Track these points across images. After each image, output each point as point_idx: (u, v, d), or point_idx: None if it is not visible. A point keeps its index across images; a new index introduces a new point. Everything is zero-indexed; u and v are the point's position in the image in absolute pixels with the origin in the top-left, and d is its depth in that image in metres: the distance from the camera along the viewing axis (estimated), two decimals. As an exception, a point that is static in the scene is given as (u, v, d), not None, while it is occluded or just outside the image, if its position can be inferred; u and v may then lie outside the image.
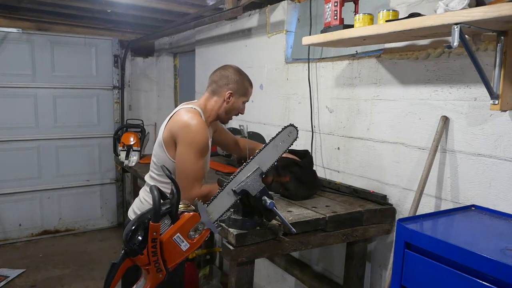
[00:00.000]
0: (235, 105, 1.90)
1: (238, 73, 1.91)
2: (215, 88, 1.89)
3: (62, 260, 3.97)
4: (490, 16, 1.17)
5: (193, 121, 1.73)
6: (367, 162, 2.10)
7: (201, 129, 1.73)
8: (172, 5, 3.40)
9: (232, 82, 1.87)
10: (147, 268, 1.28)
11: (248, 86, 1.93)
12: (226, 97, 1.87)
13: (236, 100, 1.89)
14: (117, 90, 4.80)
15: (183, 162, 1.74)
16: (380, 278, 2.03)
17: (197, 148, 1.72)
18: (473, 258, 1.08)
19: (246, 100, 1.95)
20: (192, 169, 1.73)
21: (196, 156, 1.72)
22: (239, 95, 1.89)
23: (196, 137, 1.71)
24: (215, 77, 1.91)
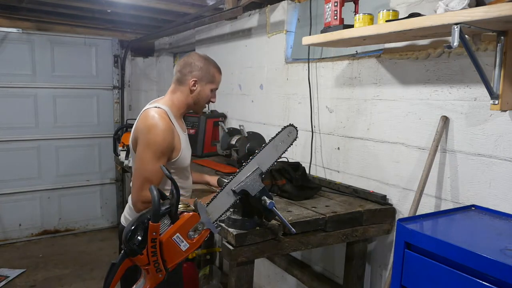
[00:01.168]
0: (203, 93, 1.80)
1: (202, 59, 1.80)
2: (180, 77, 1.79)
3: (62, 260, 3.97)
4: (490, 16, 1.17)
5: (154, 121, 1.65)
6: (367, 162, 2.10)
7: (162, 130, 1.64)
8: (172, 5, 3.40)
9: (196, 69, 1.77)
10: (147, 268, 1.27)
11: (215, 72, 1.83)
12: (191, 85, 1.77)
13: (202, 87, 1.79)
14: (117, 90, 4.80)
15: (140, 162, 1.65)
16: (380, 278, 2.03)
17: (155, 149, 1.63)
18: (473, 258, 1.08)
19: (215, 88, 1.85)
20: (147, 169, 1.63)
21: (153, 157, 1.63)
22: (205, 82, 1.79)
23: (156, 138, 1.63)
24: (179, 66, 1.80)
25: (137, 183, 1.64)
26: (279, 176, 2.02)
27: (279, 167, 2.04)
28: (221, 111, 3.53)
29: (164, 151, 1.66)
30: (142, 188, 1.63)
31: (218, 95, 3.54)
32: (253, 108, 3.09)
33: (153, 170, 1.63)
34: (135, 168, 1.69)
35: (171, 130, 1.68)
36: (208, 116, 3.36)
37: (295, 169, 2.05)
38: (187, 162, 1.82)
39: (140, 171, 1.65)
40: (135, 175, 1.67)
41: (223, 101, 3.52)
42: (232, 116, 3.41)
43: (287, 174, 2.01)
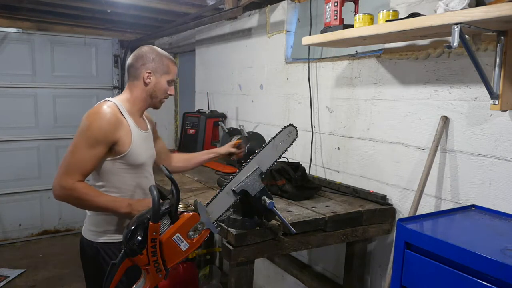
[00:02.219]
0: (159, 86, 1.70)
1: (154, 51, 1.72)
2: (133, 71, 1.70)
3: (62, 260, 3.96)
4: (490, 16, 1.17)
5: (94, 110, 1.59)
6: (367, 162, 2.09)
7: (101, 118, 1.55)
8: (172, 5, 3.40)
9: (148, 60, 1.68)
10: (147, 268, 1.28)
11: (169, 62, 1.73)
12: (145, 78, 1.67)
13: (157, 79, 1.69)
14: (117, 90, 4.80)
15: (70, 147, 1.55)
16: (380, 278, 2.03)
17: (88, 135, 1.53)
18: (473, 258, 1.08)
19: (171, 80, 1.74)
20: (75, 155, 1.53)
21: (85, 144, 1.53)
22: (160, 73, 1.69)
23: (91, 125, 1.54)
24: (131, 60, 1.71)
25: (61, 167, 1.54)
26: (279, 176, 2.02)
27: (279, 167, 2.04)
28: (221, 111, 3.53)
29: (99, 139, 1.54)
30: (64, 173, 1.52)
31: (218, 95, 3.60)
32: (253, 108, 3.09)
33: (82, 157, 1.53)
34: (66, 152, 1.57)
35: (114, 121, 1.58)
36: (208, 116, 3.36)
37: (295, 170, 2.05)
38: (141, 160, 1.69)
39: (68, 155, 1.55)
40: (63, 159, 1.56)
41: (223, 101, 3.52)
42: (232, 116, 3.41)
43: (287, 175, 2.01)
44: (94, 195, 1.56)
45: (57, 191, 1.54)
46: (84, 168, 1.55)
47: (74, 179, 1.53)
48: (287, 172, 2.02)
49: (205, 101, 3.75)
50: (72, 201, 1.57)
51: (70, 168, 1.53)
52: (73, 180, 1.52)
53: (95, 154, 1.55)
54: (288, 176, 2.01)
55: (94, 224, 1.70)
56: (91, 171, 1.60)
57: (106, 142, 1.56)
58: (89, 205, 1.60)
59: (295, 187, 1.98)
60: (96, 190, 1.61)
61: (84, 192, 1.54)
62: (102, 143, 1.56)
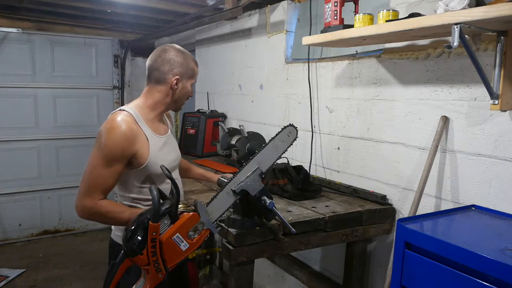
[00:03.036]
0: (184, 90, 1.67)
1: (180, 53, 1.64)
2: (158, 75, 1.61)
3: (62, 260, 3.97)
4: (490, 16, 1.17)
5: (111, 125, 1.51)
6: (367, 162, 2.10)
7: (117, 134, 1.48)
8: (172, 5, 3.40)
9: (177, 65, 1.61)
10: (147, 268, 1.28)
11: (194, 65, 1.68)
12: (173, 84, 1.61)
13: (184, 84, 1.65)
14: (117, 90, 4.80)
15: (88, 166, 1.52)
16: (380, 278, 2.03)
17: (105, 153, 1.48)
18: (473, 258, 1.08)
19: (194, 82, 1.72)
20: (94, 174, 1.49)
21: (102, 161, 1.48)
22: (186, 78, 1.65)
23: (107, 142, 1.48)
24: (155, 63, 1.62)
25: (81, 187, 1.50)
26: (281, 176, 2.02)
27: (282, 167, 2.05)
28: (221, 111, 3.53)
29: (116, 156, 1.49)
30: (85, 194, 1.48)
31: (218, 95, 3.60)
32: (253, 108, 3.09)
33: (101, 175, 1.49)
34: (84, 170, 1.53)
35: (130, 135, 1.51)
36: (208, 116, 3.36)
37: (297, 171, 2.05)
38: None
39: (87, 174, 1.51)
40: (82, 178, 1.52)
41: (223, 101, 3.52)
42: (232, 116, 3.41)
43: (289, 175, 2.01)
44: (117, 211, 1.52)
45: (80, 212, 1.51)
46: (104, 186, 1.50)
47: (96, 198, 1.49)
48: (290, 173, 2.02)
49: (205, 101, 3.76)
50: (97, 219, 1.53)
51: (90, 188, 1.49)
52: (95, 200, 1.49)
53: (114, 171, 1.51)
54: (290, 176, 2.01)
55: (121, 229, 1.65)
56: (112, 187, 1.54)
57: (124, 157, 1.52)
58: (114, 222, 1.58)
59: (296, 188, 1.98)
60: (119, 205, 1.57)
61: (107, 211, 1.50)
62: (120, 159, 1.51)
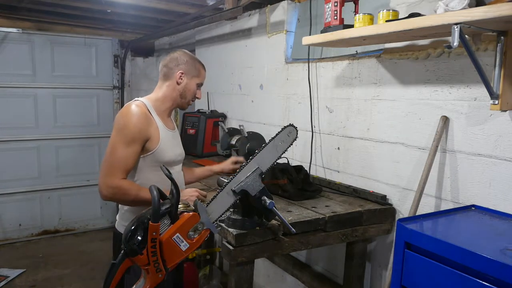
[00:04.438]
0: (189, 87, 1.83)
1: (187, 54, 1.86)
2: (166, 71, 1.82)
3: (62, 260, 3.97)
4: (490, 16, 1.17)
5: (127, 109, 1.68)
6: (367, 162, 2.09)
7: (134, 116, 1.65)
8: (172, 5, 3.40)
9: (182, 62, 1.81)
10: (147, 268, 1.28)
11: (200, 67, 1.87)
12: (178, 77, 1.80)
13: (188, 81, 1.82)
14: (117, 90, 4.80)
15: (109, 147, 1.64)
16: (380, 278, 2.03)
17: (125, 133, 1.63)
18: (473, 258, 1.08)
19: (200, 83, 1.88)
20: (115, 155, 1.62)
21: (123, 142, 1.62)
22: (191, 75, 1.83)
23: (126, 123, 1.64)
24: (165, 61, 1.84)
25: (104, 168, 1.62)
26: (281, 175, 2.02)
27: (282, 167, 2.05)
28: (221, 111, 3.53)
29: (135, 137, 1.64)
30: (108, 173, 1.61)
31: (218, 95, 3.60)
32: (253, 108, 3.09)
33: (122, 155, 1.62)
34: (105, 153, 1.66)
35: (146, 118, 1.68)
36: (208, 116, 3.36)
37: (298, 171, 2.05)
38: (168, 157, 1.77)
39: (108, 155, 1.64)
40: (104, 160, 1.65)
41: (223, 101, 3.52)
42: (232, 116, 3.41)
43: (289, 175, 2.01)
44: (136, 189, 1.64)
45: (104, 191, 1.62)
46: (125, 166, 1.63)
47: (118, 177, 1.61)
48: (290, 173, 2.02)
49: (205, 101, 3.76)
50: (119, 198, 1.65)
51: (113, 168, 1.61)
52: (118, 179, 1.61)
53: (134, 151, 1.65)
54: (290, 176, 2.01)
55: (126, 219, 1.77)
56: (132, 168, 1.67)
57: (141, 138, 1.66)
58: (133, 200, 1.66)
59: (296, 188, 1.98)
60: (136, 184, 1.69)
61: (129, 188, 1.62)
62: (138, 140, 1.65)
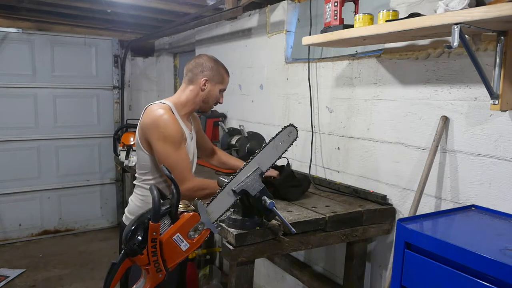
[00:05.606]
0: (212, 93, 1.87)
1: (212, 60, 1.89)
2: (191, 76, 1.86)
3: (62, 260, 3.97)
4: (490, 16, 1.17)
5: (160, 115, 1.71)
6: (367, 162, 2.10)
7: (170, 122, 1.71)
8: (172, 5, 3.40)
9: (207, 69, 1.84)
10: (147, 268, 1.28)
11: (224, 73, 1.90)
12: (202, 84, 1.84)
13: (212, 87, 1.86)
14: (117, 90, 4.80)
15: (165, 158, 1.70)
16: (380, 278, 2.03)
17: (172, 140, 1.70)
18: (473, 258, 1.08)
19: (223, 89, 1.92)
20: (176, 161, 1.70)
21: (174, 148, 1.70)
22: (215, 82, 1.86)
23: (167, 130, 1.70)
24: (190, 66, 1.88)
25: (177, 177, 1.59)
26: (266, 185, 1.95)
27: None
28: (221, 111, 3.53)
29: (179, 139, 1.73)
30: (184, 180, 1.69)
31: (218, 95, 3.59)
32: (253, 108, 3.09)
33: (179, 159, 1.71)
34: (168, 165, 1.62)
35: (178, 121, 1.77)
36: (208, 116, 3.36)
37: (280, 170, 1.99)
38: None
39: (172, 166, 1.65)
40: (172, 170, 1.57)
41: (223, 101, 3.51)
42: (232, 116, 3.41)
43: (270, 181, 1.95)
44: (208, 182, 1.77)
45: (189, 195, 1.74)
46: (187, 165, 1.75)
47: (191, 177, 1.75)
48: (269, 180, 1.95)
49: (205, 101, 3.75)
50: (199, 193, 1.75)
51: (184, 172, 1.71)
52: (191, 179, 1.74)
53: (183, 151, 1.76)
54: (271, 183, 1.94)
55: (131, 212, 1.84)
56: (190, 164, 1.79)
57: (183, 138, 1.77)
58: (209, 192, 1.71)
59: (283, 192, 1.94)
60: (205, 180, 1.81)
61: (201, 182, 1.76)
62: (181, 141, 1.75)
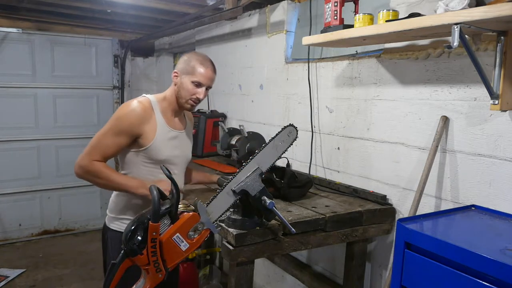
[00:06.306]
0: (182, 86, 1.75)
1: (190, 53, 1.82)
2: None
3: (62, 260, 3.97)
4: (490, 16, 1.17)
5: (129, 102, 1.71)
6: (367, 162, 2.09)
7: (130, 110, 1.67)
8: (172, 5, 3.40)
9: (180, 62, 1.79)
10: (147, 268, 1.28)
11: (197, 64, 1.74)
12: (173, 77, 1.79)
13: (182, 80, 1.75)
14: (117, 90, 4.80)
15: (98, 132, 1.69)
16: (380, 278, 2.03)
17: (115, 124, 1.66)
18: (473, 258, 1.08)
19: (196, 81, 1.74)
20: (100, 139, 1.66)
21: (110, 130, 1.66)
22: (185, 74, 1.75)
23: (121, 114, 1.67)
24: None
25: (86, 148, 1.67)
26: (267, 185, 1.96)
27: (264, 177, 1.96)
28: (221, 111, 3.53)
29: (124, 129, 1.66)
30: (85, 154, 1.65)
31: (218, 95, 3.60)
32: (253, 108, 3.09)
33: (105, 142, 1.66)
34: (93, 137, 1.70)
35: (142, 115, 1.68)
36: (208, 116, 3.36)
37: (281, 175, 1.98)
38: (162, 156, 1.75)
39: (94, 139, 1.67)
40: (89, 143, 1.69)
41: (223, 101, 3.52)
42: (232, 116, 3.41)
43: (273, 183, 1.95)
44: (109, 172, 1.67)
45: (76, 169, 1.66)
46: (104, 152, 1.66)
47: (93, 158, 1.65)
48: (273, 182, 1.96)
49: (205, 101, 3.75)
50: (89, 178, 1.67)
51: (92, 150, 1.65)
52: (91, 160, 1.64)
53: (118, 142, 1.67)
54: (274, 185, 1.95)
55: (110, 209, 1.82)
56: (111, 156, 1.69)
57: (131, 133, 1.67)
58: (105, 182, 1.67)
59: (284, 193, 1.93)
60: (111, 168, 1.71)
61: (100, 170, 1.65)
62: (126, 134, 1.67)
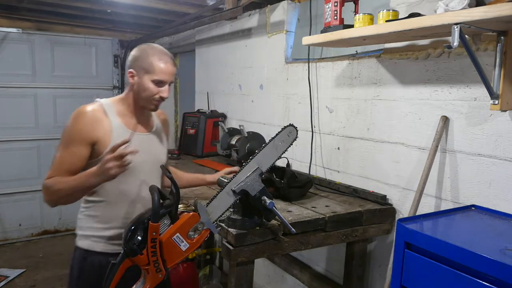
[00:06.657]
0: (143, 86, 1.55)
1: (141, 48, 1.60)
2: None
3: (62, 260, 3.96)
4: (490, 16, 1.17)
5: (77, 110, 1.57)
6: (367, 162, 2.09)
7: (77, 117, 1.54)
8: (172, 5, 3.40)
9: (132, 60, 1.58)
10: (147, 268, 1.28)
11: (154, 60, 1.54)
12: (129, 78, 1.59)
13: (140, 79, 1.56)
14: (117, 90, 4.81)
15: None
16: (380, 278, 2.03)
17: (64, 136, 1.57)
18: (473, 258, 1.08)
19: (158, 80, 1.55)
20: (55, 157, 1.56)
21: (62, 143, 1.56)
22: (142, 73, 1.55)
23: (68, 124, 1.56)
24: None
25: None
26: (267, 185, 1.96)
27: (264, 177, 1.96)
28: (221, 111, 3.53)
29: (73, 138, 1.52)
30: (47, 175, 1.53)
31: (218, 95, 3.60)
32: (253, 108, 3.09)
33: (61, 157, 1.53)
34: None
35: (92, 121, 1.53)
36: (208, 116, 3.36)
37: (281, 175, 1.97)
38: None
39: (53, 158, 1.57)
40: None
41: (223, 101, 3.52)
42: (232, 116, 3.41)
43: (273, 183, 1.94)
44: (64, 181, 1.48)
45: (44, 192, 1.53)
46: (64, 168, 1.51)
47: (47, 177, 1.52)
48: (273, 182, 1.94)
49: (205, 101, 3.76)
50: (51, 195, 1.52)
51: (53, 170, 1.53)
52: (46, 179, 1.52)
53: (74, 153, 1.52)
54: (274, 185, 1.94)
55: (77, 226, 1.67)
56: (75, 171, 1.51)
57: (83, 140, 1.53)
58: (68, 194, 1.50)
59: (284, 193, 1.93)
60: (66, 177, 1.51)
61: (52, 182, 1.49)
62: (79, 142, 1.53)
